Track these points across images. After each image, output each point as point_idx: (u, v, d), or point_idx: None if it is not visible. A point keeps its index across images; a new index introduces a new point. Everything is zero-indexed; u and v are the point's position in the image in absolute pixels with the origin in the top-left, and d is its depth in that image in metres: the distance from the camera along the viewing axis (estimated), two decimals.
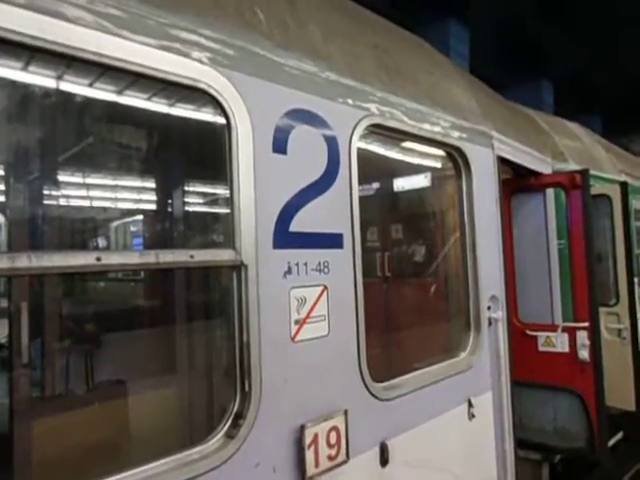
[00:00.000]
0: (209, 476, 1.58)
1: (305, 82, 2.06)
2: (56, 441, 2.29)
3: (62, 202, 3.74)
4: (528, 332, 4.15)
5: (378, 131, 2.49)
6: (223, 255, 1.73)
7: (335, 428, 1.96)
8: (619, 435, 4.79)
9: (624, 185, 4.83)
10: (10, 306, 2.40)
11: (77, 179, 3.97)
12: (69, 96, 2.60)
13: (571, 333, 3.97)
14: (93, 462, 2.16)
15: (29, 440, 2.26)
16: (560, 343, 4.01)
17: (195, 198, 4.11)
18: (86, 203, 4.28)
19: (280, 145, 1.91)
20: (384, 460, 2.24)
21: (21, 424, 2.32)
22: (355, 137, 2.25)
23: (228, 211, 1.79)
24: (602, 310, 4.61)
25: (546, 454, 4.18)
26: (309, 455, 1.85)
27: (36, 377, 2.70)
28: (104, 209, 4.53)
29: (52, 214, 3.38)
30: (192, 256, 1.64)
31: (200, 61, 1.69)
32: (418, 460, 2.47)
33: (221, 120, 1.79)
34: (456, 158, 3.04)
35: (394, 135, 2.62)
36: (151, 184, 3.99)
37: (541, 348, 4.11)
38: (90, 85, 2.54)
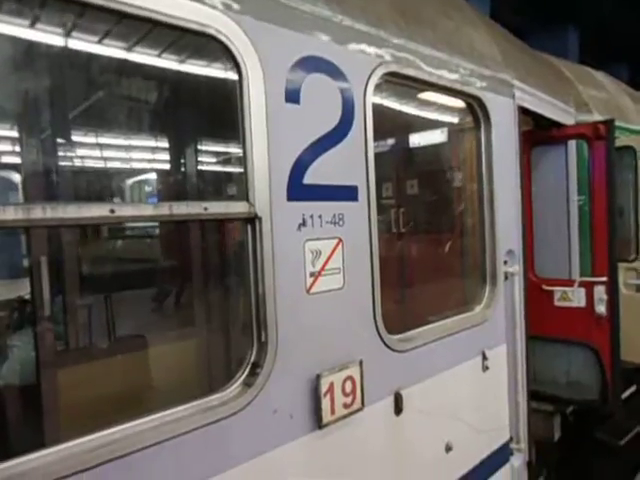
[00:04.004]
0: (229, 421, 1.63)
1: (318, 27, 1.97)
2: (81, 389, 2.39)
3: (78, 161, 3.75)
4: (544, 287, 4.13)
5: (394, 80, 2.40)
6: (237, 207, 1.72)
7: (350, 377, 2.00)
8: (632, 388, 4.82)
9: None
10: (30, 260, 2.45)
11: (92, 137, 3.96)
12: (83, 51, 2.57)
13: (588, 288, 3.93)
14: (121, 408, 2.25)
15: (55, 388, 2.36)
16: (577, 298, 3.98)
17: (209, 152, 4.07)
18: (102, 162, 4.29)
19: (293, 94, 1.85)
20: (398, 409, 2.29)
21: (47, 374, 2.41)
22: (370, 86, 2.17)
23: (241, 166, 1.76)
24: (621, 265, 4.55)
25: (559, 406, 4.24)
26: (325, 403, 1.89)
27: (58, 330, 2.79)
28: (119, 169, 4.54)
29: (68, 172, 3.40)
30: (206, 208, 1.63)
31: (208, 5, 1.62)
32: (432, 409, 2.52)
33: (232, 68, 1.73)
34: (475, 108, 2.94)
35: (411, 84, 2.53)
36: (164, 138, 3.96)
37: (557, 303, 4.09)
38: (101, 40, 2.49)
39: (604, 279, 3.85)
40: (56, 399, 2.35)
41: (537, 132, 4.18)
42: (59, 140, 3.17)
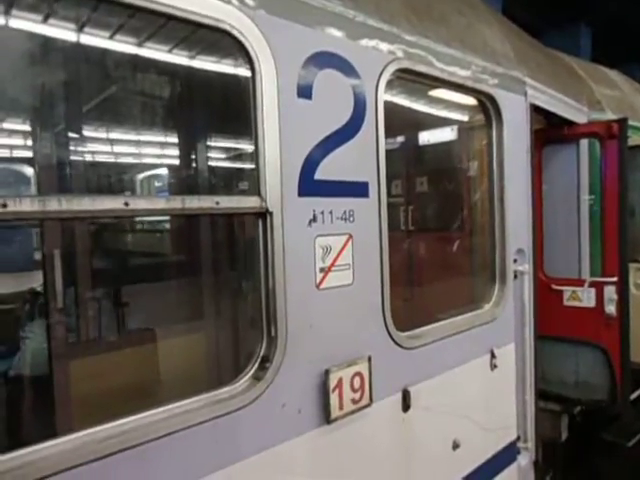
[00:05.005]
0: (238, 414, 1.64)
1: (331, 23, 1.97)
2: (93, 380, 2.42)
3: (89, 156, 3.77)
4: (554, 286, 4.10)
5: (406, 76, 2.39)
6: (248, 202, 1.72)
7: (359, 373, 2.01)
8: None
9: None
10: (44, 253, 2.47)
11: (104, 132, 3.98)
12: (96, 46, 2.59)
13: (598, 288, 3.90)
14: (133, 399, 2.27)
15: (67, 379, 2.39)
16: (586, 298, 3.96)
17: (221, 147, 4.08)
18: (114, 157, 4.32)
19: (305, 90, 1.86)
20: (406, 405, 2.29)
21: (59, 365, 2.44)
22: (382, 82, 2.17)
23: (253, 161, 1.77)
24: (631, 266, 4.51)
25: (566, 405, 4.22)
26: (333, 398, 1.90)
27: (70, 322, 2.81)
28: (130, 164, 4.57)
29: (80, 166, 3.42)
30: (217, 202, 1.64)
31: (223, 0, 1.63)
32: (439, 407, 2.52)
33: (245, 64, 1.74)
34: (487, 105, 2.92)
35: (423, 81, 2.52)
36: (176, 133, 3.96)
37: (566, 302, 4.07)
38: (114, 35, 2.51)
39: (614, 279, 3.83)
40: (68, 390, 2.38)
41: (549, 130, 4.15)
42: (72, 134, 3.20)
